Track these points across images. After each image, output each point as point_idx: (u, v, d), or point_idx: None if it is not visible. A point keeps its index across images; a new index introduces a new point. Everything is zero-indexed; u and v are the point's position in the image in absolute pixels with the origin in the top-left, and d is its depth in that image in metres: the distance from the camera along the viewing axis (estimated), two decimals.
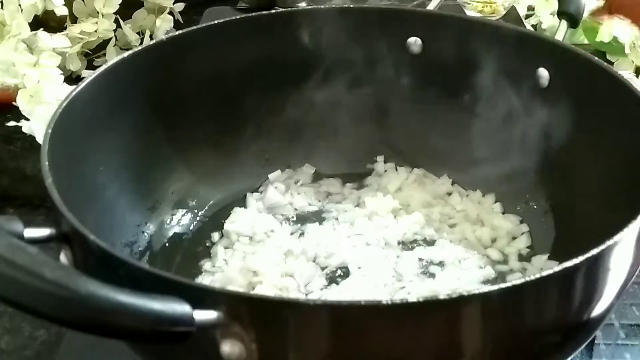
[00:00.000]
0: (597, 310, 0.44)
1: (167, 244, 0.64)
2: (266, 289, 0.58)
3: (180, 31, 0.66)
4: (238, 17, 0.67)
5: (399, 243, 0.63)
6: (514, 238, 0.64)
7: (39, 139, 0.68)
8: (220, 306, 0.37)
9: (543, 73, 0.62)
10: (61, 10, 0.83)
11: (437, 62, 0.68)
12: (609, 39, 0.87)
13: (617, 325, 0.57)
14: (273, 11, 0.70)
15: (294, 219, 0.67)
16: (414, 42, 0.68)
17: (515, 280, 0.39)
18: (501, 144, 0.66)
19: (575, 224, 0.60)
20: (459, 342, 0.40)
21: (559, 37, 0.67)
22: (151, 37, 0.92)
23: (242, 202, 0.68)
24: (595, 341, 0.56)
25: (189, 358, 0.41)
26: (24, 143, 0.78)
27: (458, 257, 0.62)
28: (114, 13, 0.87)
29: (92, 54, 0.88)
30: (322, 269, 0.61)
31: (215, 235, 0.65)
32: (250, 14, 0.69)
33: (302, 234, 0.64)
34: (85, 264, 0.43)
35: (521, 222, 0.65)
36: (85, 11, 0.87)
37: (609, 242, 0.41)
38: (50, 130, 0.51)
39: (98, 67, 0.61)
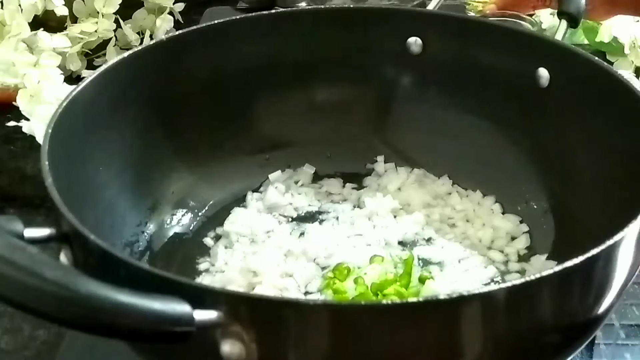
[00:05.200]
0: (597, 310, 0.44)
1: (167, 244, 0.64)
2: (266, 289, 0.58)
3: (180, 31, 0.66)
4: (238, 17, 0.67)
5: (399, 243, 0.63)
6: (513, 238, 0.64)
7: (39, 139, 0.68)
8: (220, 306, 0.37)
9: (543, 73, 0.62)
10: (61, 10, 0.83)
11: (437, 62, 0.68)
12: (609, 39, 0.87)
13: (617, 325, 0.57)
14: (273, 11, 0.70)
15: (294, 219, 0.67)
16: (414, 42, 0.68)
17: (515, 280, 0.39)
18: (501, 144, 0.66)
19: (575, 224, 0.60)
20: (459, 343, 0.40)
21: (559, 37, 0.67)
22: (151, 37, 0.92)
23: (242, 202, 0.68)
24: (595, 341, 0.56)
25: (189, 358, 0.41)
26: (24, 143, 0.78)
27: (458, 257, 0.62)
28: (114, 13, 0.87)
29: (92, 54, 0.88)
30: (322, 269, 0.61)
31: (215, 236, 0.65)
32: (250, 14, 0.68)
33: (302, 234, 0.64)
34: (85, 264, 0.43)
35: (521, 222, 0.65)
36: (85, 11, 0.87)
37: (608, 242, 0.41)
38: (50, 130, 0.51)
39: (98, 67, 0.61)
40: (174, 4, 0.93)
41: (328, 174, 0.71)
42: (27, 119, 0.71)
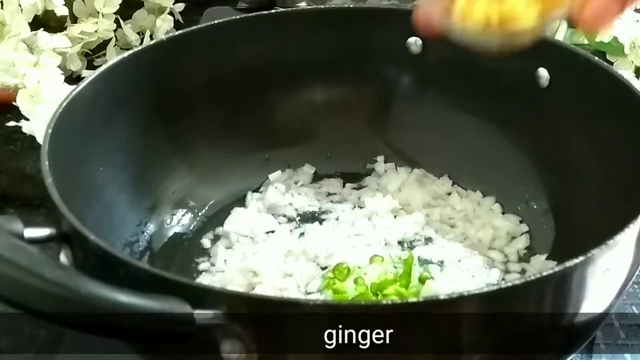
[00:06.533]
0: (597, 310, 0.44)
1: (167, 244, 0.64)
2: (266, 289, 0.58)
3: (180, 31, 0.66)
4: (238, 17, 0.67)
5: (399, 243, 0.63)
6: (513, 238, 0.64)
7: (39, 139, 0.68)
8: (220, 306, 0.37)
9: (543, 73, 0.62)
10: (61, 10, 0.83)
11: (437, 62, 0.68)
12: (609, 39, 0.87)
13: (617, 325, 0.57)
14: (273, 11, 0.70)
15: (294, 219, 0.67)
16: (414, 42, 0.68)
17: (514, 280, 0.39)
18: (501, 144, 0.66)
19: (575, 224, 0.60)
20: (459, 342, 0.40)
21: (559, 37, 0.67)
22: (151, 37, 0.92)
23: (242, 202, 0.68)
24: (595, 341, 0.56)
25: (189, 358, 0.41)
26: (24, 143, 0.78)
27: (458, 257, 0.62)
28: (114, 13, 0.87)
29: (92, 54, 0.88)
30: (322, 269, 0.61)
31: (215, 236, 0.65)
32: (250, 14, 0.69)
33: (302, 234, 0.64)
34: (85, 264, 0.43)
35: (521, 222, 0.65)
36: (85, 11, 0.87)
37: (609, 242, 0.41)
38: (50, 130, 0.51)
39: (98, 67, 0.61)
40: (174, 4, 0.93)
41: (328, 174, 0.71)
42: (27, 119, 0.71)
